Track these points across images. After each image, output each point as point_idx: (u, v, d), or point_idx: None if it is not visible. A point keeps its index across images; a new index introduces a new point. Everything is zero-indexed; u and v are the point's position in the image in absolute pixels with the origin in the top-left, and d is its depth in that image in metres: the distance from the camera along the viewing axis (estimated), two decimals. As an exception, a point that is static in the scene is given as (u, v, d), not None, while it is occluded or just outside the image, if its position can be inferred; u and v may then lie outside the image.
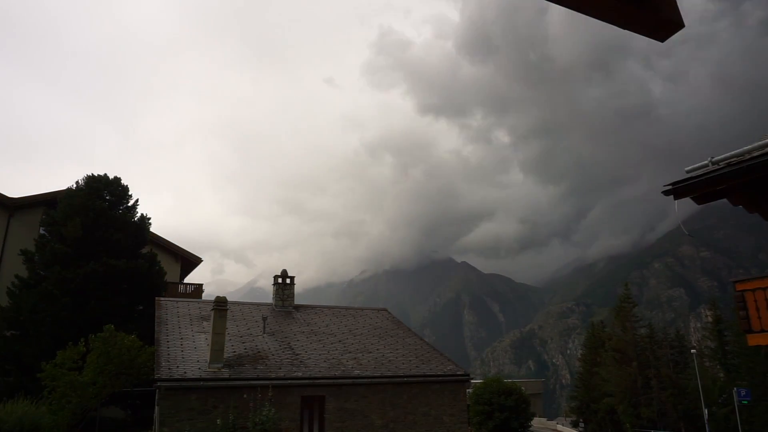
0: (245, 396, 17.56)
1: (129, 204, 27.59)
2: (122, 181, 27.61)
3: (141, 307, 25.57)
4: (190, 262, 37.12)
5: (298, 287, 26.79)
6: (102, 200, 26.10)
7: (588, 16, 2.04)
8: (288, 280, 26.10)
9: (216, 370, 18.17)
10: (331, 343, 22.62)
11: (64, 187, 27.86)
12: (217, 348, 18.56)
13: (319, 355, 21.26)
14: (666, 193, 6.60)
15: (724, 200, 6.92)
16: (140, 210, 28.04)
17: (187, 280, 38.02)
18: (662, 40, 2.16)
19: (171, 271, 32.84)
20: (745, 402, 32.22)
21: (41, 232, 26.00)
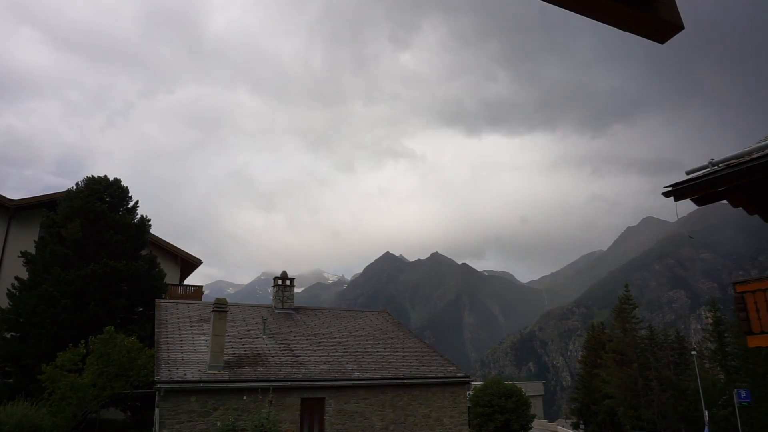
0: (245, 398, 17.59)
1: (129, 206, 27.61)
2: (122, 183, 27.65)
3: (141, 309, 25.58)
4: (189, 263, 37.11)
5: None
6: (102, 202, 26.09)
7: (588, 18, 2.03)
8: (288, 282, 26.12)
9: (216, 372, 18.17)
10: (331, 345, 22.62)
11: (64, 189, 27.94)
12: (217, 350, 18.57)
13: (319, 357, 21.26)
14: (666, 194, 6.59)
15: (725, 202, 6.93)
16: (140, 212, 28.09)
17: (186, 281, 38.03)
18: (662, 42, 2.15)
19: (170, 272, 32.84)
20: (745, 403, 32.19)
21: (41, 233, 25.98)
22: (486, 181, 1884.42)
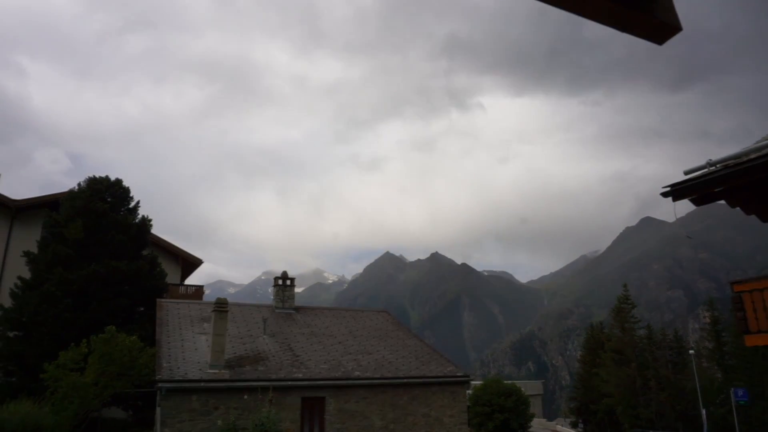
0: (246, 397, 17.66)
1: (130, 206, 27.72)
2: (123, 183, 27.74)
3: (142, 309, 25.65)
4: (190, 263, 37.17)
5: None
6: (103, 202, 26.18)
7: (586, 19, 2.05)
8: (288, 282, 26.18)
9: (217, 371, 18.24)
10: (332, 345, 22.69)
11: (66, 189, 28.05)
12: (217, 349, 18.64)
13: (320, 356, 21.33)
14: (665, 194, 6.67)
15: (723, 202, 7.01)
16: (141, 212, 28.18)
17: (187, 281, 38.09)
18: (660, 43, 2.17)
19: (171, 272, 32.90)
20: (743, 402, 32.31)
21: (43, 233, 26.06)
22: (515, 155, 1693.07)
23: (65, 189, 28.19)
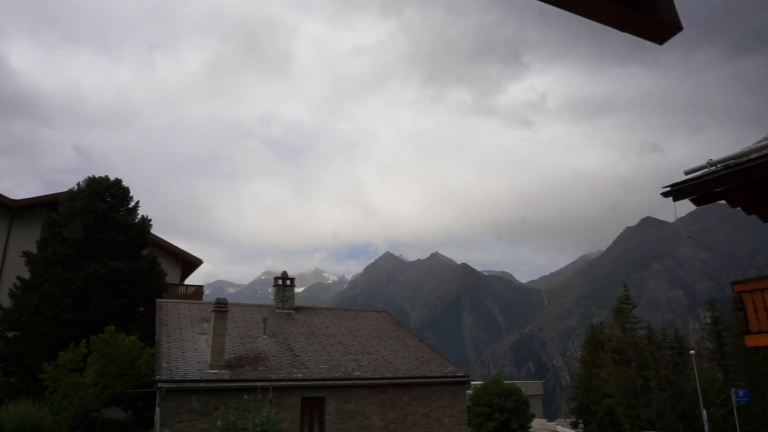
0: (246, 397, 17.63)
1: (130, 206, 27.71)
2: (123, 183, 27.72)
3: (142, 309, 25.64)
4: (190, 263, 37.15)
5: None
6: (103, 202, 26.19)
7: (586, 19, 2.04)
8: (288, 282, 26.16)
9: (217, 371, 18.22)
10: (332, 345, 22.67)
11: (65, 189, 28.06)
12: (217, 349, 18.62)
13: (320, 356, 21.31)
14: (665, 194, 6.66)
15: (723, 202, 7.01)
16: (141, 212, 28.17)
17: (187, 281, 38.07)
18: (661, 43, 2.16)
19: (171, 272, 32.89)
20: (743, 402, 32.29)
21: (43, 233, 26.06)
22: (540, 129, 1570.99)
23: (53, 175, 28.29)
